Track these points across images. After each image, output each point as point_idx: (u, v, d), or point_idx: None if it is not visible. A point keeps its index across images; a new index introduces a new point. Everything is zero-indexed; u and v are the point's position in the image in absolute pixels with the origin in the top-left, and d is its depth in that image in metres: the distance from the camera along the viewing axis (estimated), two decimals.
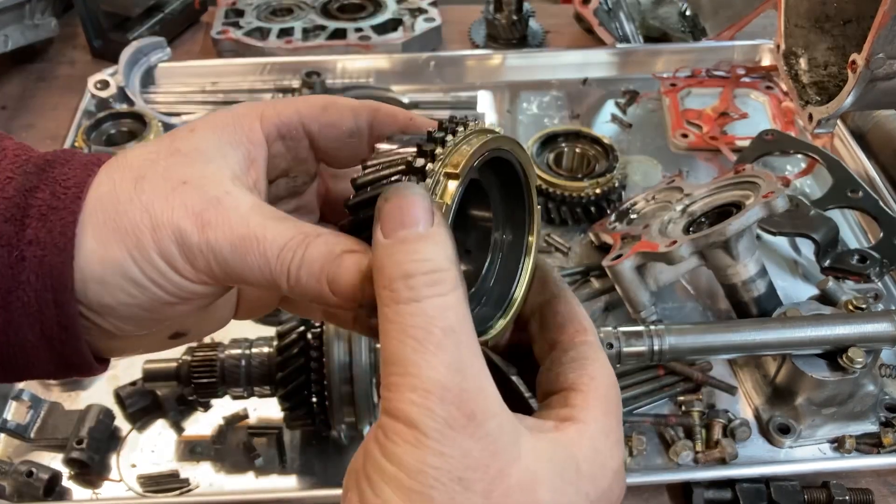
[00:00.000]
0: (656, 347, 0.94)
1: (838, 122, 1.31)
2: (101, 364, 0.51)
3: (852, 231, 1.31)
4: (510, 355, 0.55)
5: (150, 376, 0.99)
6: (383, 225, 0.41)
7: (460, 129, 0.46)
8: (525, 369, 0.53)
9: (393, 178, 0.45)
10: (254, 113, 0.50)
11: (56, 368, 0.48)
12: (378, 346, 0.95)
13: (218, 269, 0.45)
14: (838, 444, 1.00)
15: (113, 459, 1.01)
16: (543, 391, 0.49)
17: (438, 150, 0.44)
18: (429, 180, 0.43)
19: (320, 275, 0.44)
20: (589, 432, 0.44)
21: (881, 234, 1.17)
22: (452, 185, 0.43)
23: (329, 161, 0.55)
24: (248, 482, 0.99)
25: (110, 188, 0.45)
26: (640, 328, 0.95)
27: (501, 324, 0.51)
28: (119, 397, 1.04)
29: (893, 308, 1.15)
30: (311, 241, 0.45)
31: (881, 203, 1.21)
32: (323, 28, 1.74)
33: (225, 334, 1.15)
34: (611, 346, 0.97)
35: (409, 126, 0.52)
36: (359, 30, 1.72)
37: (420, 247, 0.40)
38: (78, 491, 0.98)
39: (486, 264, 0.53)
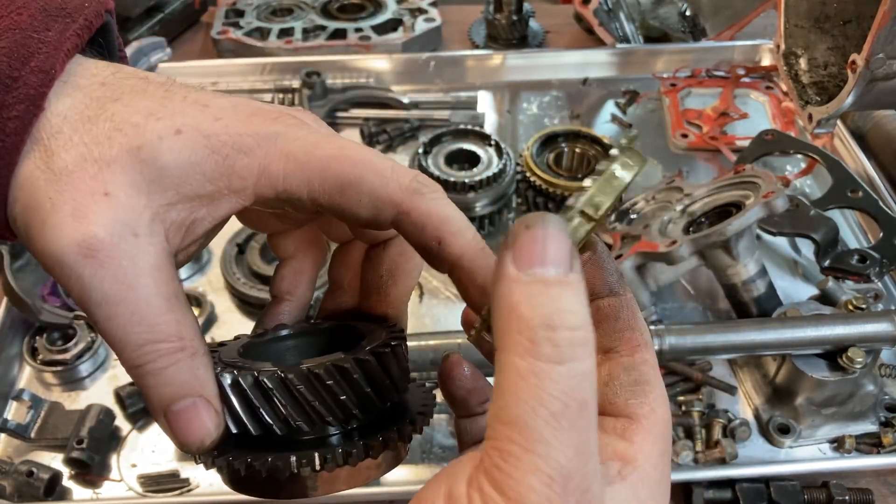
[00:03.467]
0: (656, 347, 0.94)
1: (838, 122, 1.31)
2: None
3: (852, 231, 1.31)
4: None
5: None
6: (518, 254, 0.35)
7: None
8: None
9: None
10: (256, 161, 0.43)
11: None
12: None
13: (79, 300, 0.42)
14: (838, 444, 1.00)
15: (113, 459, 1.01)
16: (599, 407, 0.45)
17: (587, 183, 0.39)
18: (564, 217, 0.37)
19: (158, 408, 0.42)
20: (647, 478, 0.40)
21: (881, 234, 1.17)
22: (587, 233, 0.38)
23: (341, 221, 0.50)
24: None
25: (40, 156, 0.42)
26: None
27: None
28: (119, 397, 1.04)
29: (893, 308, 1.15)
30: (177, 359, 0.42)
31: (881, 203, 1.21)
32: (323, 28, 1.74)
33: (225, 334, 1.15)
34: None
35: (432, 250, 0.44)
36: (359, 30, 1.72)
37: (563, 294, 0.34)
38: (78, 491, 0.98)
39: None
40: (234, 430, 0.43)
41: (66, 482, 0.98)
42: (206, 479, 0.98)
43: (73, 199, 0.41)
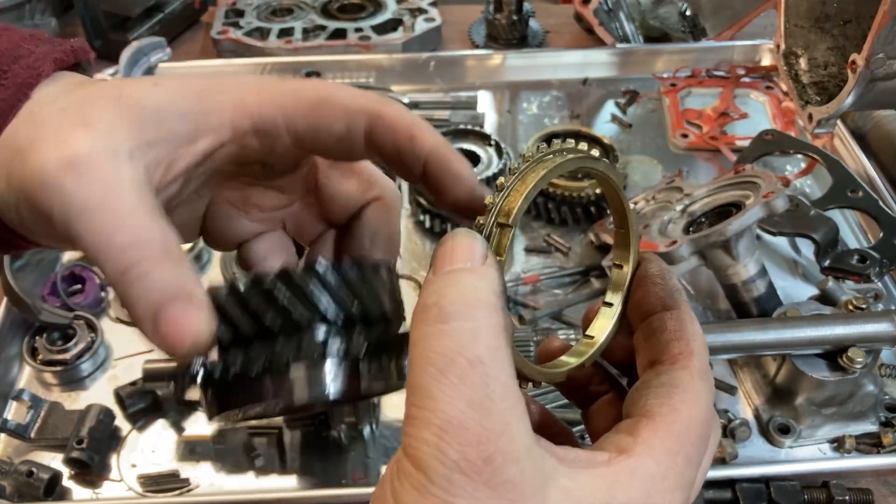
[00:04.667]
0: None
1: (838, 122, 1.31)
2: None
3: (852, 231, 1.31)
4: (616, 363, 0.51)
5: (150, 376, 0.99)
6: (434, 265, 0.39)
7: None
8: (632, 382, 0.49)
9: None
10: (230, 97, 0.46)
11: None
12: None
13: (65, 236, 0.41)
14: (838, 444, 1.00)
15: (113, 459, 1.01)
16: (624, 414, 0.44)
17: (489, 200, 0.42)
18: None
19: (147, 315, 0.40)
20: (642, 471, 0.38)
21: (881, 234, 1.17)
22: (506, 237, 0.41)
23: (318, 154, 0.51)
24: (248, 482, 0.99)
25: (22, 120, 0.44)
26: None
27: (581, 358, 0.48)
28: (119, 397, 1.04)
29: (893, 308, 1.15)
30: (163, 262, 0.40)
31: (881, 203, 1.21)
32: (323, 28, 1.74)
33: None
34: None
35: (405, 148, 0.46)
36: (359, 30, 1.72)
37: (463, 277, 0.38)
38: (78, 491, 0.98)
39: None
40: (223, 338, 0.43)
41: (66, 482, 0.98)
42: (207, 479, 0.98)
43: (54, 132, 0.42)
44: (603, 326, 0.49)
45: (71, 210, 0.40)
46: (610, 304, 0.49)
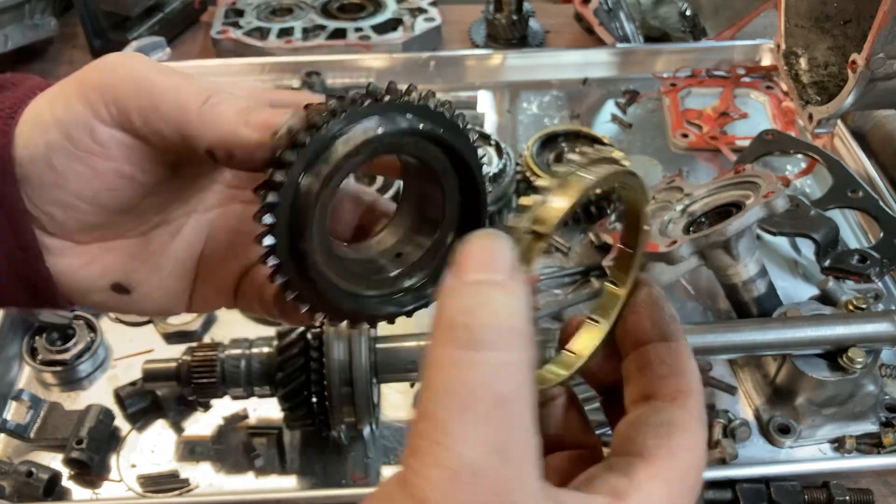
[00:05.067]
0: None
1: (838, 121, 1.31)
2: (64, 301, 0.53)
3: (852, 231, 1.31)
4: (592, 380, 0.48)
5: (149, 376, 0.98)
6: (458, 266, 0.35)
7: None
8: (609, 403, 0.47)
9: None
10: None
11: (19, 290, 0.50)
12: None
13: (134, 103, 0.47)
14: (838, 444, 1.00)
15: (113, 459, 1.01)
16: (616, 448, 0.41)
17: (526, 201, 0.39)
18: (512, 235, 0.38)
19: (238, 119, 0.46)
20: None
21: (881, 234, 1.17)
22: (536, 247, 0.37)
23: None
24: (248, 482, 0.99)
25: (51, 91, 0.50)
26: None
27: (561, 373, 0.45)
28: (119, 397, 1.04)
29: (893, 308, 1.15)
30: (227, 96, 0.47)
31: (881, 203, 1.21)
32: (323, 28, 1.74)
33: (225, 334, 1.15)
34: None
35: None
36: (359, 29, 1.72)
37: (494, 294, 0.34)
38: (78, 491, 0.98)
39: None
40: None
41: (66, 482, 0.98)
42: (206, 480, 0.98)
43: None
44: (587, 344, 0.47)
45: (142, 74, 0.47)
46: (596, 321, 0.47)
